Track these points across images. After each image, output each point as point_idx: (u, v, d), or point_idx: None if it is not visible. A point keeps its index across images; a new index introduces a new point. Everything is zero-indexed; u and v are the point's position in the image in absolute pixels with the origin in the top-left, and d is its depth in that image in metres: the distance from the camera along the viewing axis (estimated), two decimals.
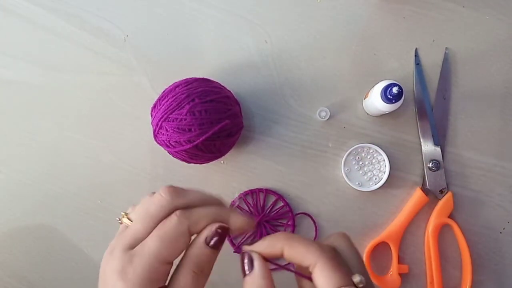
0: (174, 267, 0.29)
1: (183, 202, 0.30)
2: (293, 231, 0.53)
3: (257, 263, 0.28)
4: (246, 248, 0.29)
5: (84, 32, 0.56)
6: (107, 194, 0.55)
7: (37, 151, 0.56)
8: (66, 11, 0.56)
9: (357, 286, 0.26)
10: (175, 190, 0.30)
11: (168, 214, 0.29)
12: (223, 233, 0.29)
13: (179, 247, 0.28)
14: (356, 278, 0.26)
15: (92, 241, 0.55)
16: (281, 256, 0.28)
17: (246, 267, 0.28)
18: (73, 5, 0.56)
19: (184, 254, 0.29)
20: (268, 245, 0.28)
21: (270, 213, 0.54)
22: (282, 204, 0.53)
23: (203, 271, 0.29)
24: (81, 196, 0.55)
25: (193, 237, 0.30)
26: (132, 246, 0.28)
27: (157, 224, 0.28)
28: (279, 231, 0.53)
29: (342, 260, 0.28)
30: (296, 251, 0.28)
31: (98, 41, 0.56)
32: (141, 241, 0.28)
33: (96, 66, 0.56)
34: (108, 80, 0.56)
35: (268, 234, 0.53)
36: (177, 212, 0.28)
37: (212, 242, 0.29)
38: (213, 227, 0.29)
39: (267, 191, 0.53)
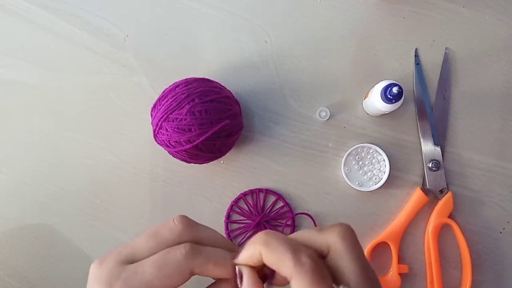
0: None
1: (195, 236, 0.28)
2: (292, 231, 0.53)
3: (245, 279, 0.26)
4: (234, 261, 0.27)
5: (84, 32, 0.56)
6: (107, 194, 0.55)
7: (37, 151, 0.56)
8: (66, 11, 0.56)
9: None
10: (189, 222, 0.28)
11: (176, 243, 0.27)
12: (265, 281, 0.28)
13: (175, 283, 0.26)
14: None
15: (92, 241, 0.55)
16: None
17: (238, 281, 0.27)
18: (73, 5, 0.56)
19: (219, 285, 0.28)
20: (249, 253, 0.26)
21: (270, 213, 0.54)
22: (282, 204, 0.53)
23: None
24: (81, 196, 0.55)
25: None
26: (128, 261, 0.26)
27: (161, 249, 0.27)
28: (279, 231, 0.53)
29: (324, 272, 0.24)
30: (272, 259, 0.25)
31: (98, 41, 0.56)
32: (139, 259, 0.26)
33: (96, 66, 0.56)
34: (108, 80, 0.56)
35: None
36: (187, 245, 0.26)
37: None
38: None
39: (267, 191, 0.53)
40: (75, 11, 0.56)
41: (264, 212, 0.53)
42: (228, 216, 0.54)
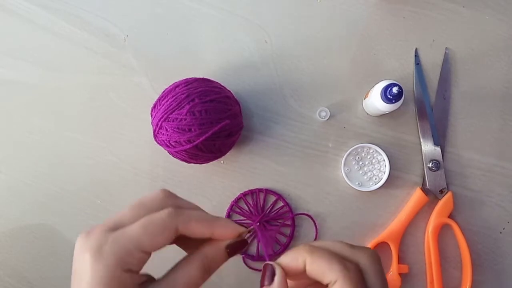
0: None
1: (176, 204, 0.30)
2: (292, 231, 0.53)
3: (277, 279, 0.28)
4: (270, 261, 0.29)
5: (84, 32, 0.56)
6: (107, 194, 0.55)
7: (37, 151, 0.56)
8: (66, 11, 0.56)
9: None
10: (170, 193, 0.31)
11: (160, 209, 0.29)
12: (243, 246, 0.30)
13: (162, 240, 0.28)
14: None
15: None
16: (304, 271, 0.28)
17: (266, 280, 0.28)
18: (73, 5, 0.56)
19: (199, 249, 0.30)
20: (291, 259, 0.28)
21: (270, 213, 0.54)
22: (282, 204, 0.53)
23: (210, 270, 0.30)
24: (81, 196, 0.55)
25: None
26: (114, 229, 0.27)
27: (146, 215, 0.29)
28: (278, 231, 0.53)
29: (364, 283, 0.27)
30: (318, 265, 0.27)
31: (98, 41, 0.56)
32: (125, 226, 0.28)
33: (96, 66, 0.56)
34: (108, 80, 0.56)
35: (268, 234, 0.53)
36: (169, 208, 0.29)
37: (231, 250, 0.30)
38: (239, 238, 0.30)
39: (267, 191, 0.53)
40: (75, 11, 0.56)
41: (264, 212, 0.53)
42: (228, 216, 0.54)
